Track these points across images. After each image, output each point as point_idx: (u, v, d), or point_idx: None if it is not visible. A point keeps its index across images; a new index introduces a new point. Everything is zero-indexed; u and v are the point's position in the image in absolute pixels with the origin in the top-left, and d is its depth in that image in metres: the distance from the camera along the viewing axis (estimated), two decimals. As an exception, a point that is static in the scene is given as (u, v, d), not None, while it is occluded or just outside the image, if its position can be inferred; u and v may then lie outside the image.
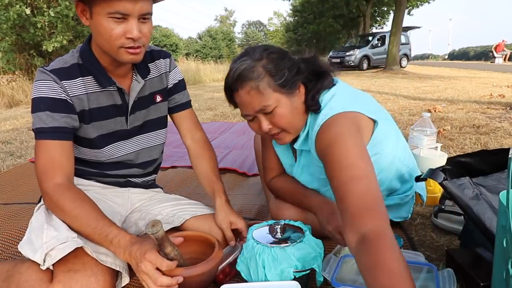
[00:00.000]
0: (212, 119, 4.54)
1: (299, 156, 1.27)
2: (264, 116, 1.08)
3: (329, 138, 1.00)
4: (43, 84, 1.06)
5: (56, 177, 1.04)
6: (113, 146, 1.22)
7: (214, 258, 1.03)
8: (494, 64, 21.11)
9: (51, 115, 1.05)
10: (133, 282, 1.19)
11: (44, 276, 0.98)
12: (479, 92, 6.22)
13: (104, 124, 1.17)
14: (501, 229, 0.76)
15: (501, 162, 1.17)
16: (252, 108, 1.07)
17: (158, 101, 1.28)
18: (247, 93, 1.05)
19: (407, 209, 1.41)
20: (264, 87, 1.03)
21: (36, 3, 7.66)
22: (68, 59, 1.11)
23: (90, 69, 1.11)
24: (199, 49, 37.04)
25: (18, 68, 7.93)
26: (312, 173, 1.24)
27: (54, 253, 0.95)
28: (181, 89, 1.35)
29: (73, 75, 1.09)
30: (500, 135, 3.04)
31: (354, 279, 1.02)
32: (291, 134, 1.14)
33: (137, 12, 0.99)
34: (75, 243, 0.97)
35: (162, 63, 1.29)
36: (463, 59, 49.91)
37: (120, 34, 1.00)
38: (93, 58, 1.11)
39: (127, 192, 1.34)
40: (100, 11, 0.98)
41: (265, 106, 1.05)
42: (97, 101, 1.14)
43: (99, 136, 1.17)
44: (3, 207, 1.91)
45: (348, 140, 0.97)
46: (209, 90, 8.92)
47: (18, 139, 3.60)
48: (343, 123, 1.02)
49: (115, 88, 1.15)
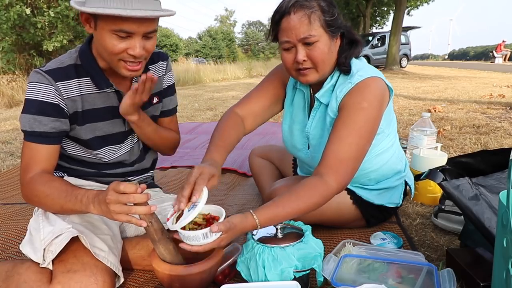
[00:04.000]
0: (212, 119, 4.54)
1: (315, 111, 1.33)
2: (303, 47, 1.14)
3: (359, 100, 1.15)
4: (36, 86, 1.05)
5: (32, 171, 1.06)
6: (110, 149, 1.22)
7: (215, 256, 1.03)
8: (494, 64, 21.10)
9: (39, 120, 1.06)
10: (133, 281, 1.19)
11: (43, 277, 0.98)
12: (479, 92, 6.22)
13: (100, 126, 1.17)
14: (501, 229, 0.76)
15: (501, 162, 1.17)
16: (296, 35, 1.12)
17: (155, 102, 1.29)
18: (299, 18, 1.11)
19: (398, 195, 1.46)
20: (315, 18, 1.11)
21: (36, 3, 7.67)
22: (65, 59, 1.11)
23: (88, 70, 1.11)
24: (199, 49, 37.06)
25: (18, 68, 7.93)
26: (322, 128, 1.30)
27: (53, 248, 0.96)
28: (171, 94, 1.36)
29: (69, 75, 1.09)
30: (500, 135, 3.04)
31: (354, 279, 1.02)
32: (318, 75, 1.20)
33: (142, 31, 0.99)
34: (70, 233, 0.98)
35: (161, 65, 1.30)
36: (463, 59, 49.95)
37: (122, 50, 1.00)
38: (92, 59, 1.11)
39: None
40: (104, 26, 0.97)
41: (310, 36, 1.11)
42: (93, 102, 1.14)
43: (94, 138, 1.17)
44: (3, 207, 1.91)
45: (372, 113, 1.15)
46: (209, 90, 8.91)
47: (18, 139, 3.60)
48: (374, 89, 1.17)
49: (112, 90, 1.15)
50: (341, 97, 1.19)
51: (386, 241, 1.28)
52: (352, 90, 1.17)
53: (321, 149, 1.20)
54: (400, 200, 1.48)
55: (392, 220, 1.55)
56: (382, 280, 1.01)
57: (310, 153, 1.36)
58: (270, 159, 1.80)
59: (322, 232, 1.40)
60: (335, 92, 1.22)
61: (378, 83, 1.19)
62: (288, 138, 1.44)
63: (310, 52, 1.14)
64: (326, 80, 1.26)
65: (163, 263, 1.00)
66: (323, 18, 1.12)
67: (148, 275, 1.22)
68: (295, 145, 1.42)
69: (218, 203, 1.87)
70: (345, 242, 1.23)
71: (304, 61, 1.16)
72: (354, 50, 1.23)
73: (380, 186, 1.42)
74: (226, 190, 2.07)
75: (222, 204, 1.86)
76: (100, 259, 1.00)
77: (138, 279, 1.21)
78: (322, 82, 1.26)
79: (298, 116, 1.40)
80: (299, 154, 1.43)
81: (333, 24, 1.14)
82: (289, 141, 1.45)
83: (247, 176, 2.30)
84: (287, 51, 1.18)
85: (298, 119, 1.40)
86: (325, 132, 1.28)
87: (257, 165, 1.80)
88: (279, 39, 1.18)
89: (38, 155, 1.07)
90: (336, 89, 1.22)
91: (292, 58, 1.17)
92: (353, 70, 1.21)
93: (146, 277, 1.22)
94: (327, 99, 1.27)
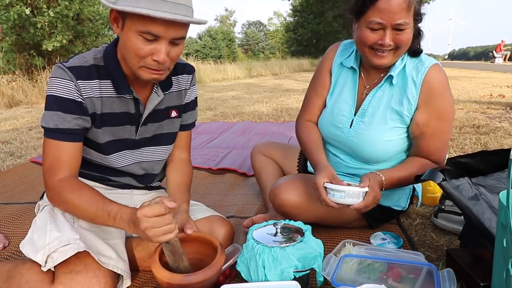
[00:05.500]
0: (212, 119, 4.54)
1: (376, 89, 1.34)
2: (392, 32, 1.16)
3: (441, 84, 1.25)
4: (58, 82, 1.03)
5: (59, 173, 1.05)
6: (120, 154, 1.19)
7: (216, 264, 1.01)
8: (494, 64, 21.10)
9: (62, 116, 1.04)
10: (133, 281, 1.19)
11: (45, 277, 0.98)
12: (479, 92, 6.22)
13: (115, 130, 1.15)
14: (501, 229, 0.76)
15: (501, 163, 1.17)
16: (392, 19, 1.14)
17: (173, 116, 1.25)
18: (399, 3, 1.12)
19: (405, 199, 1.47)
20: (412, 7, 1.15)
21: (36, 3, 7.66)
22: (89, 58, 1.08)
23: (111, 73, 1.09)
24: (199, 49, 37.04)
25: (18, 68, 7.92)
26: (378, 106, 1.33)
27: (56, 256, 0.95)
28: (192, 108, 1.34)
29: (91, 76, 1.07)
30: (500, 135, 3.04)
31: (354, 279, 1.02)
32: (395, 57, 1.24)
33: (169, 36, 0.97)
34: (77, 246, 0.96)
35: (185, 78, 1.26)
36: (463, 59, 49.92)
37: (147, 54, 0.98)
38: (116, 63, 1.08)
39: (130, 194, 1.33)
40: (132, 26, 0.95)
41: (405, 23, 1.15)
42: (111, 106, 1.12)
43: (108, 142, 1.15)
44: (3, 207, 1.91)
45: (451, 96, 1.28)
46: (209, 90, 8.92)
47: (18, 139, 3.60)
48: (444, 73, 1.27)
49: (131, 96, 1.13)
50: (421, 81, 1.24)
51: (386, 241, 1.28)
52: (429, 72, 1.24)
53: (372, 126, 1.30)
54: (406, 205, 1.47)
55: (392, 220, 1.55)
56: (382, 280, 1.02)
57: (354, 131, 1.35)
58: (273, 156, 1.78)
59: (322, 232, 1.41)
60: (411, 76, 1.26)
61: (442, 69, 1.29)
62: (329, 116, 1.43)
63: (397, 37, 1.17)
64: (397, 61, 1.28)
65: (163, 270, 0.98)
66: (417, 7, 1.17)
67: (148, 275, 1.22)
68: (335, 123, 1.40)
69: (217, 203, 1.87)
70: (345, 242, 1.23)
71: (390, 45, 1.18)
72: (421, 37, 1.28)
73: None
74: (225, 190, 2.07)
75: (222, 204, 1.87)
76: (110, 268, 0.99)
77: (138, 279, 1.21)
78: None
79: (344, 95, 1.40)
80: (336, 133, 1.40)
81: (420, 13, 1.20)
82: (328, 119, 1.43)
83: (247, 176, 2.30)
84: (372, 31, 1.18)
85: (344, 98, 1.40)
86: (381, 109, 1.31)
87: (259, 163, 1.77)
88: (367, 17, 1.17)
89: (63, 155, 1.05)
90: (410, 73, 1.27)
91: (375, 39, 1.18)
92: (421, 56, 1.28)
93: (146, 277, 1.22)
94: (396, 79, 1.29)
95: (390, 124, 1.30)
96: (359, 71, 1.38)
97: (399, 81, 1.29)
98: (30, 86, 7.23)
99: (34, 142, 3.46)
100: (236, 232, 1.43)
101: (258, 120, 4.28)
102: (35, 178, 2.37)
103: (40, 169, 2.47)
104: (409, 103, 1.26)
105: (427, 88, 1.24)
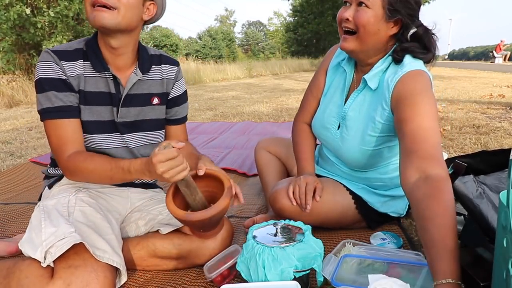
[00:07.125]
0: (212, 119, 4.54)
1: (357, 92, 1.33)
2: (355, 7, 1.18)
3: (417, 87, 1.14)
4: (43, 64, 1.10)
5: (67, 150, 1.11)
6: (104, 136, 1.21)
7: (216, 207, 1.08)
8: (494, 64, 21.10)
9: (55, 95, 1.10)
10: (133, 281, 1.19)
11: (44, 272, 0.99)
12: (479, 92, 6.22)
13: (98, 110, 1.19)
14: (501, 229, 0.76)
15: (501, 163, 1.17)
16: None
17: (155, 103, 1.29)
18: None
19: (403, 206, 1.47)
20: None
21: (36, 3, 7.65)
22: (73, 44, 1.17)
23: (90, 55, 1.15)
24: (199, 49, 37.05)
25: (18, 68, 7.92)
26: (360, 111, 1.32)
27: (53, 251, 0.96)
28: (183, 102, 1.37)
29: (75, 57, 1.14)
30: (500, 135, 3.04)
31: (354, 279, 1.02)
32: (357, 45, 1.21)
33: None
34: (73, 238, 0.97)
35: (168, 68, 1.30)
36: (463, 59, 49.93)
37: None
38: (96, 46, 1.16)
39: (126, 191, 1.34)
40: None
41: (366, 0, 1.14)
42: (95, 85, 1.17)
43: (91, 122, 1.18)
44: (3, 207, 1.91)
45: (432, 98, 1.13)
46: (209, 90, 8.91)
47: (18, 139, 3.60)
48: (426, 80, 1.17)
49: (110, 75, 1.18)
50: (393, 86, 1.18)
51: (386, 241, 1.28)
52: (404, 77, 1.17)
53: (353, 131, 1.29)
54: (404, 212, 1.48)
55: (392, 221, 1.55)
56: (382, 280, 1.01)
57: (340, 133, 1.36)
58: (277, 153, 1.76)
59: (322, 232, 1.40)
60: (387, 82, 1.22)
61: (427, 78, 1.18)
62: (320, 117, 1.44)
63: (357, 13, 1.16)
64: (377, 64, 1.26)
65: (172, 205, 1.07)
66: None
67: (148, 275, 1.22)
68: (325, 124, 1.41)
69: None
70: (345, 242, 1.23)
71: (347, 20, 1.18)
72: (416, 48, 1.21)
73: (388, 193, 1.42)
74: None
75: (222, 204, 1.86)
76: (104, 261, 1.00)
77: (138, 279, 1.21)
78: (372, 65, 1.27)
79: (335, 96, 1.41)
80: (326, 134, 1.42)
81: (394, 6, 1.14)
82: (320, 119, 1.44)
83: (247, 176, 2.30)
84: (344, 6, 1.21)
85: (335, 99, 1.40)
86: (362, 115, 1.30)
87: (263, 160, 1.75)
88: None
89: (64, 133, 1.11)
90: (388, 78, 1.22)
91: (342, 13, 1.20)
92: (405, 61, 1.20)
93: (146, 277, 1.22)
94: (375, 84, 1.26)
95: (369, 133, 1.28)
96: (352, 72, 1.37)
97: (380, 87, 1.26)
98: (30, 86, 7.22)
99: (34, 142, 3.46)
100: (236, 232, 1.43)
101: (258, 120, 4.28)
102: (35, 178, 2.37)
103: (40, 169, 2.47)
104: (383, 108, 1.23)
105: (396, 94, 1.18)
